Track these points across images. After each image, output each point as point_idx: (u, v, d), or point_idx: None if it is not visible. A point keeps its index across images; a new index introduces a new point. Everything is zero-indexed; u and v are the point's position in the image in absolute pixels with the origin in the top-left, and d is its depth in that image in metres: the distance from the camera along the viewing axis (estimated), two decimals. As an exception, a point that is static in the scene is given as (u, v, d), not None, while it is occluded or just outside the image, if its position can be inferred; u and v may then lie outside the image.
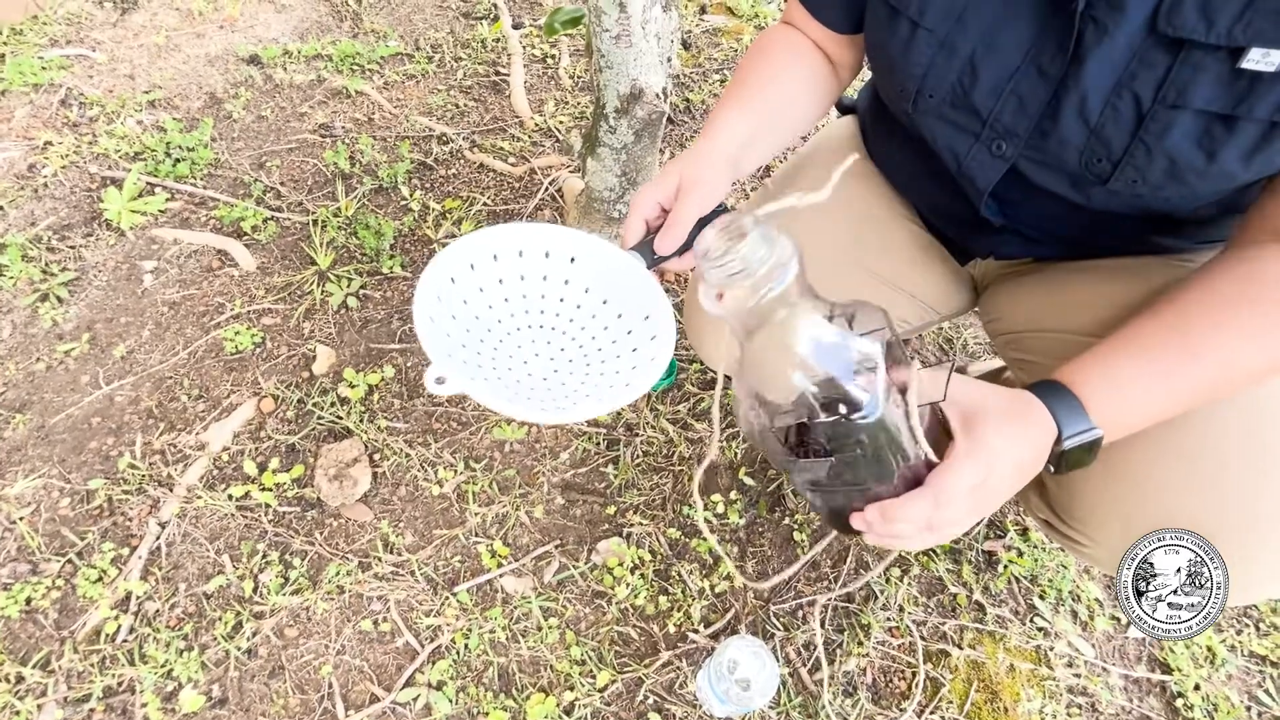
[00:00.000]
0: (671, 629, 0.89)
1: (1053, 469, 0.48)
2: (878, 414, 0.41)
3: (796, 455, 0.46)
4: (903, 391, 0.44)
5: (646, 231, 0.57)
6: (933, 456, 0.45)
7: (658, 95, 0.98)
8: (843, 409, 0.41)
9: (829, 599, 0.92)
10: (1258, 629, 0.94)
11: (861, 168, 0.75)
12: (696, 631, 0.88)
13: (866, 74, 0.75)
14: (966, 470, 0.44)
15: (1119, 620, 0.93)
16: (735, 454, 1.05)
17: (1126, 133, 0.47)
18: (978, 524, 0.47)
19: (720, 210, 0.58)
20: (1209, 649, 0.90)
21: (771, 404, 0.45)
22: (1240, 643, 0.92)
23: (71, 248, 1.24)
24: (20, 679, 0.83)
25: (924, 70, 0.56)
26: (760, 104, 0.63)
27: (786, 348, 0.42)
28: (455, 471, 1.01)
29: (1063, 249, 0.65)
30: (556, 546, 0.95)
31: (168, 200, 1.32)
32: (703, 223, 0.56)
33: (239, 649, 0.85)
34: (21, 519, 0.94)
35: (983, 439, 0.45)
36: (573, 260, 0.59)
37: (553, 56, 1.71)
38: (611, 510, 0.98)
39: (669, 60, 0.98)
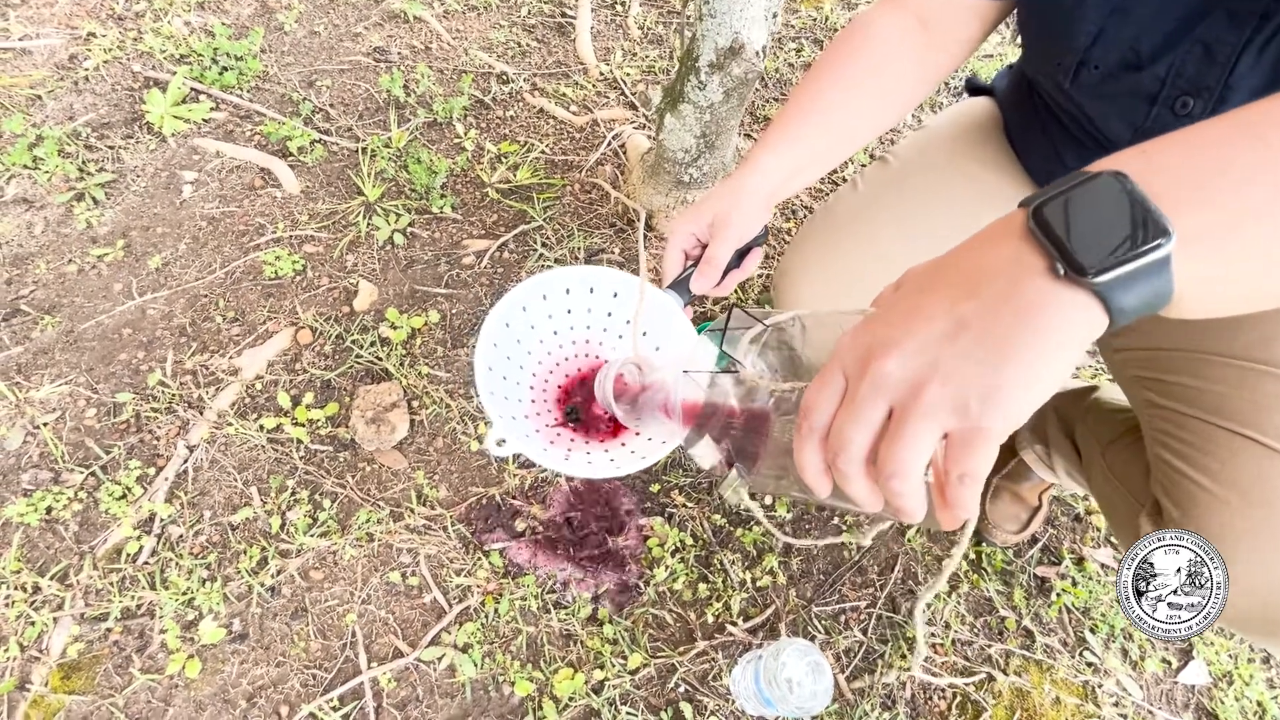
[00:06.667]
0: (710, 619, 0.85)
1: (1062, 270, 0.27)
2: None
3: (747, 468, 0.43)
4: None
5: (686, 261, 0.60)
6: (786, 386, 0.38)
7: (757, 53, 0.90)
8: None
9: (874, 607, 0.88)
10: (1311, 689, 0.90)
11: (1001, 159, 0.69)
12: (735, 624, 0.85)
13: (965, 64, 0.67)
14: (828, 366, 0.32)
15: (1170, 664, 0.89)
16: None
17: None
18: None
19: (760, 238, 0.61)
20: (1260, 704, 0.87)
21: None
22: (1292, 701, 0.88)
23: (110, 148, 1.18)
24: (37, 589, 0.80)
25: (1091, 39, 0.51)
26: (820, 131, 0.59)
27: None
28: (495, 429, 0.97)
29: None
30: (596, 518, 0.91)
31: (212, 109, 1.26)
32: (740, 254, 0.60)
33: (263, 585, 0.82)
34: (46, 425, 0.90)
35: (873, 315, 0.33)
36: (615, 295, 0.62)
37: (622, 3, 1.61)
38: (656, 488, 0.94)
39: (774, 16, 0.90)
